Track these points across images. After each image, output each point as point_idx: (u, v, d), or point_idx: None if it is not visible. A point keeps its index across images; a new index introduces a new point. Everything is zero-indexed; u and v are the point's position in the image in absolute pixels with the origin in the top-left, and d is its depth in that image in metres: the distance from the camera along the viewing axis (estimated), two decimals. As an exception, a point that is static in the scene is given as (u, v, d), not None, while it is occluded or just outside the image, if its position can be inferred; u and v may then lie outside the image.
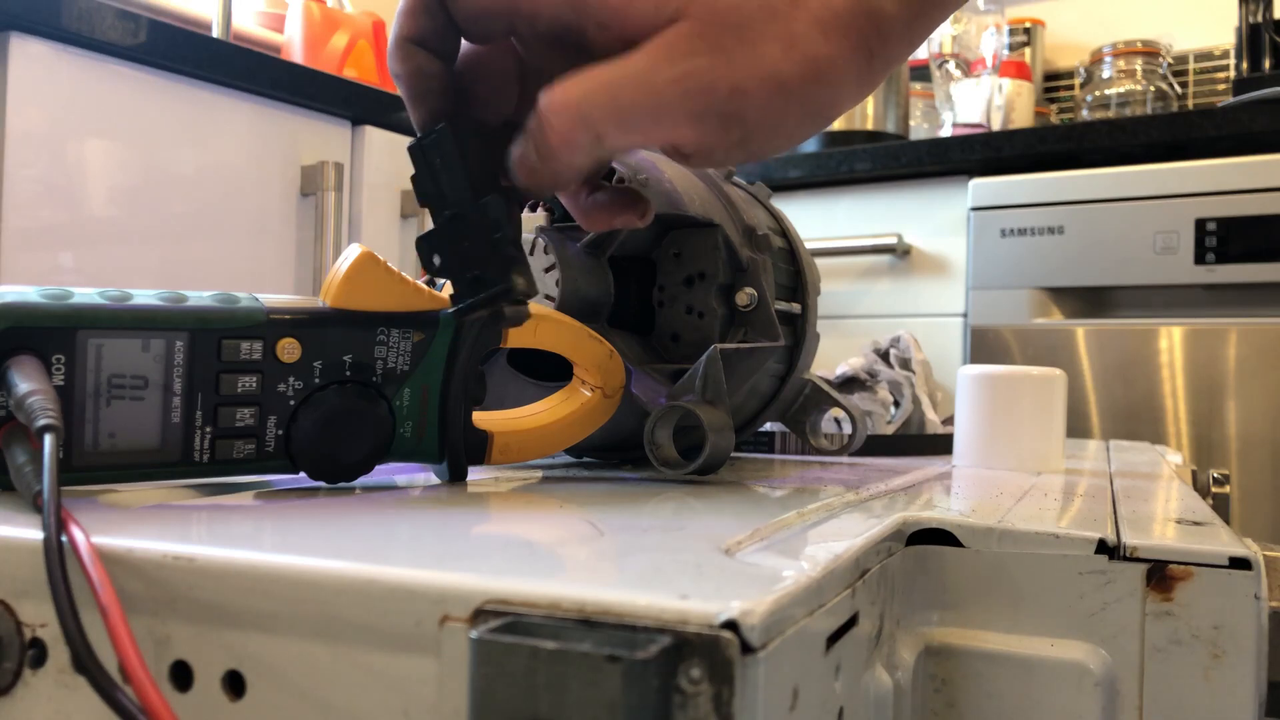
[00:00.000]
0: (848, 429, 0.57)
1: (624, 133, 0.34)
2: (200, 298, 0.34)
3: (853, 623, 0.26)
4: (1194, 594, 0.30)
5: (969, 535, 0.33)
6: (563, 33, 0.35)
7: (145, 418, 0.33)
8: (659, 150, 0.36)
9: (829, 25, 0.33)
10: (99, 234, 1.11)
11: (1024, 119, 1.93)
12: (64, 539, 0.23)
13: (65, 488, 0.33)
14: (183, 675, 0.23)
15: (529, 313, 0.39)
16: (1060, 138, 1.57)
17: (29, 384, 0.29)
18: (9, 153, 1.04)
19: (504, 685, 0.18)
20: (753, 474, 0.48)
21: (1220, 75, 2.05)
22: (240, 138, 1.24)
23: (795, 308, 0.53)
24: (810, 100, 0.34)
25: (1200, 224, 1.46)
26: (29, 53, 1.05)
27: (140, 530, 0.26)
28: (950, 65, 1.98)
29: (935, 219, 1.68)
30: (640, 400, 0.45)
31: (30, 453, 0.30)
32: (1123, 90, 1.94)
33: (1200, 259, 1.46)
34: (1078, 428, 1.51)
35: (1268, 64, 1.71)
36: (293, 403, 0.35)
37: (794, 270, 0.55)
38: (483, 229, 0.36)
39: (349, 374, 0.36)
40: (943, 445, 0.66)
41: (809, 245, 1.70)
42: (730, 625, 0.19)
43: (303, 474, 0.36)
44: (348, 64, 1.61)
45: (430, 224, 0.38)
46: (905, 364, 0.82)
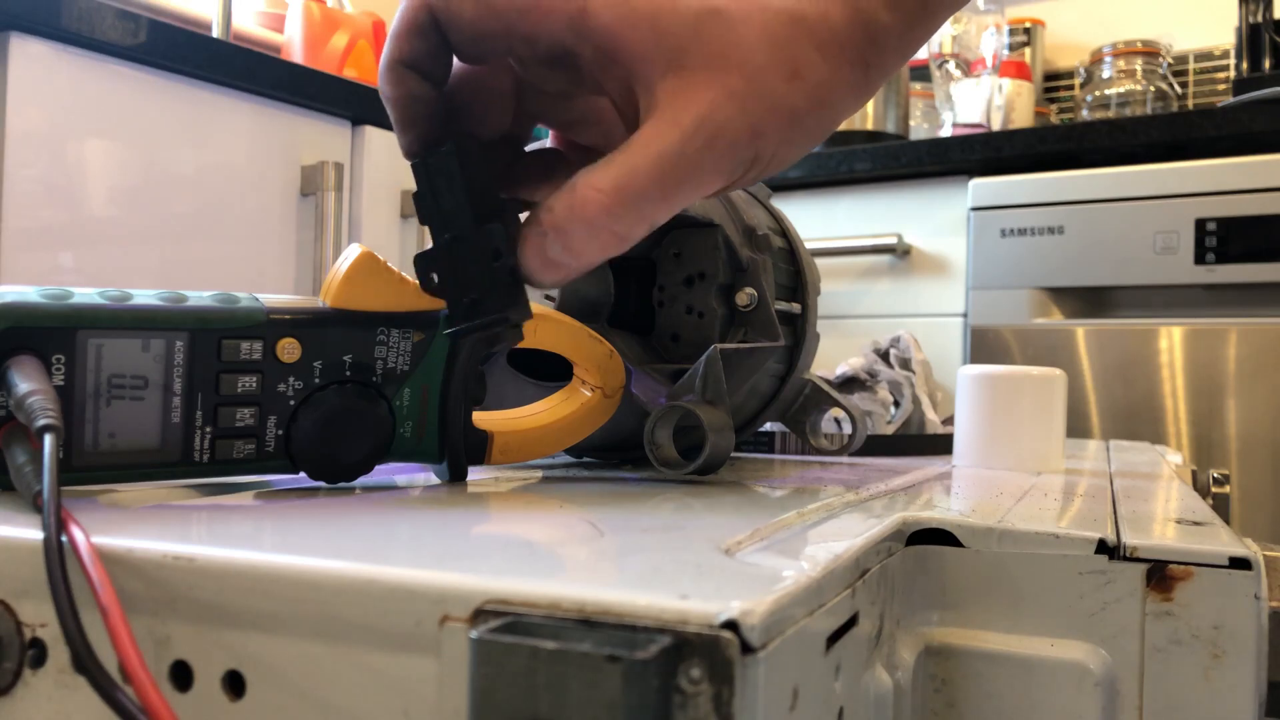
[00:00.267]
0: (848, 429, 0.57)
1: (670, 208, 0.34)
2: (200, 298, 0.34)
3: (853, 623, 0.26)
4: (1194, 594, 0.30)
5: (969, 535, 0.33)
6: (561, 55, 0.35)
7: (145, 418, 0.33)
8: None
9: (828, 45, 0.33)
10: (99, 234, 1.11)
11: (1024, 119, 1.93)
12: (64, 539, 0.23)
13: (65, 488, 0.33)
14: (183, 675, 0.23)
15: (523, 335, 0.39)
16: (1060, 138, 1.57)
17: (29, 384, 0.29)
18: (9, 153, 1.04)
19: (504, 685, 0.18)
20: (753, 474, 0.48)
21: (1220, 75, 2.05)
22: (240, 138, 1.24)
23: (795, 308, 0.53)
24: (816, 125, 0.35)
25: (1200, 224, 1.46)
26: (29, 53, 1.05)
27: (140, 530, 0.26)
28: (950, 65, 1.98)
29: (935, 219, 1.68)
30: (640, 400, 0.45)
31: (30, 453, 0.30)
32: (1123, 90, 1.94)
33: (1200, 259, 1.46)
34: (1078, 428, 1.51)
35: (1268, 64, 1.71)
36: (293, 403, 0.35)
37: (794, 270, 0.55)
38: (483, 254, 0.36)
39: (349, 374, 0.36)
40: (943, 445, 0.66)
41: (809, 245, 1.70)
42: (730, 625, 0.19)
43: (303, 474, 0.36)
44: (348, 64, 1.61)
45: (430, 240, 0.37)
46: (905, 364, 0.82)
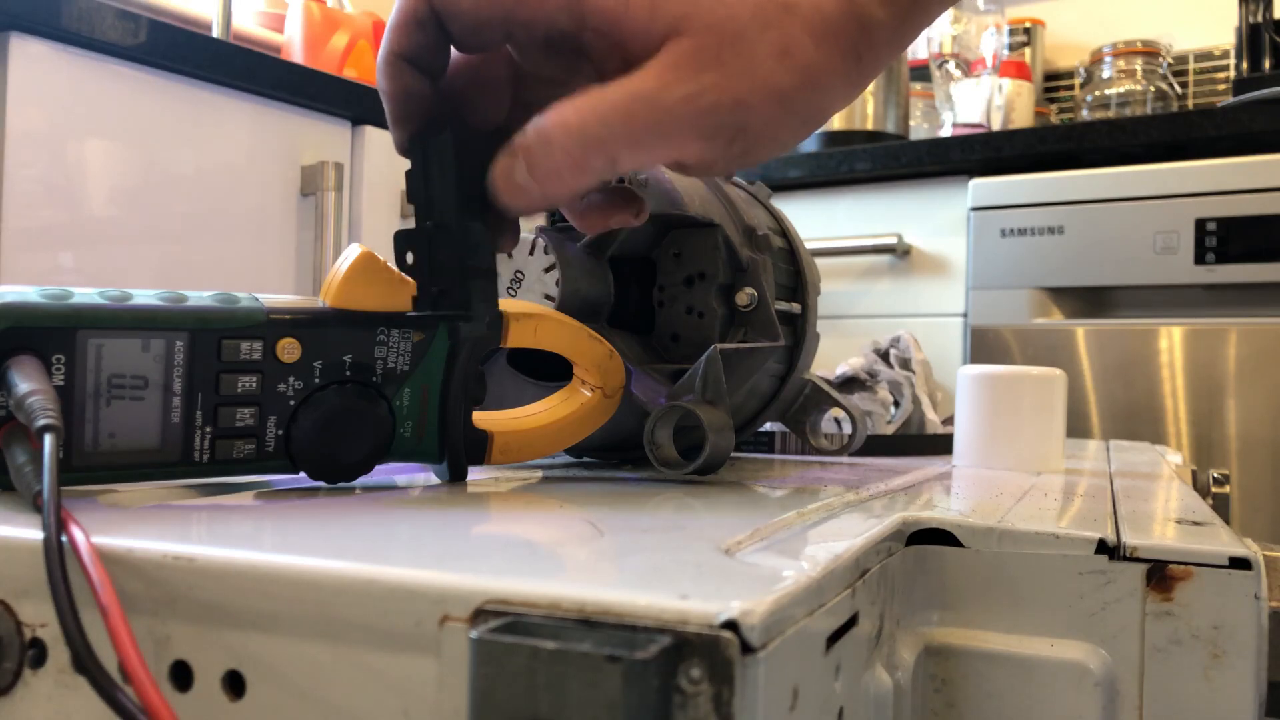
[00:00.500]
0: (848, 429, 0.57)
1: (637, 154, 0.34)
2: (200, 298, 0.34)
3: (853, 623, 0.26)
4: (1194, 594, 0.30)
5: (969, 535, 0.33)
6: (559, 39, 0.35)
7: (145, 418, 0.33)
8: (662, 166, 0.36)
9: (820, 32, 0.34)
10: (99, 234, 1.11)
11: (1024, 119, 1.93)
12: (64, 539, 0.23)
13: (65, 488, 0.33)
14: (183, 675, 0.23)
15: (497, 340, 0.39)
16: (1060, 138, 1.57)
17: (29, 384, 0.29)
18: (9, 153, 1.04)
19: (504, 685, 0.18)
20: (753, 474, 0.48)
21: (1220, 75, 2.05)
22: (240, 138, 1.24)
23: (795, 308, 0.53)
24: (805, 107, 0.35)
25: (1200, 224, 1.46)
26: (29, 53, 1.05)
27: (140, 530, 0.26)
28: (950, 65, 1.98)
29: (935, 219, 1.68)
30: (640, 400, 0.45)
31: (30, 453, 0.30)
32: (1123, 90, 1.94)
33: (1200, 259, 1.46)
34: (1078, 428, 1.51)
35: (1268, 64, 1.71)
36: (293, 403, 0.35)
37: (794, 270, 0.55)
38: (460, 249, 0.36)
39: (349, 374, 0.36)
40: (943, 445, 0.66)
41: (809, 245, 1.70)
42: (730, 625, 0.19)
43: (303, 474, 0.36)
44: (348, 64, 1.61)
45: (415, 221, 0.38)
46: (905, 364, 0.82)
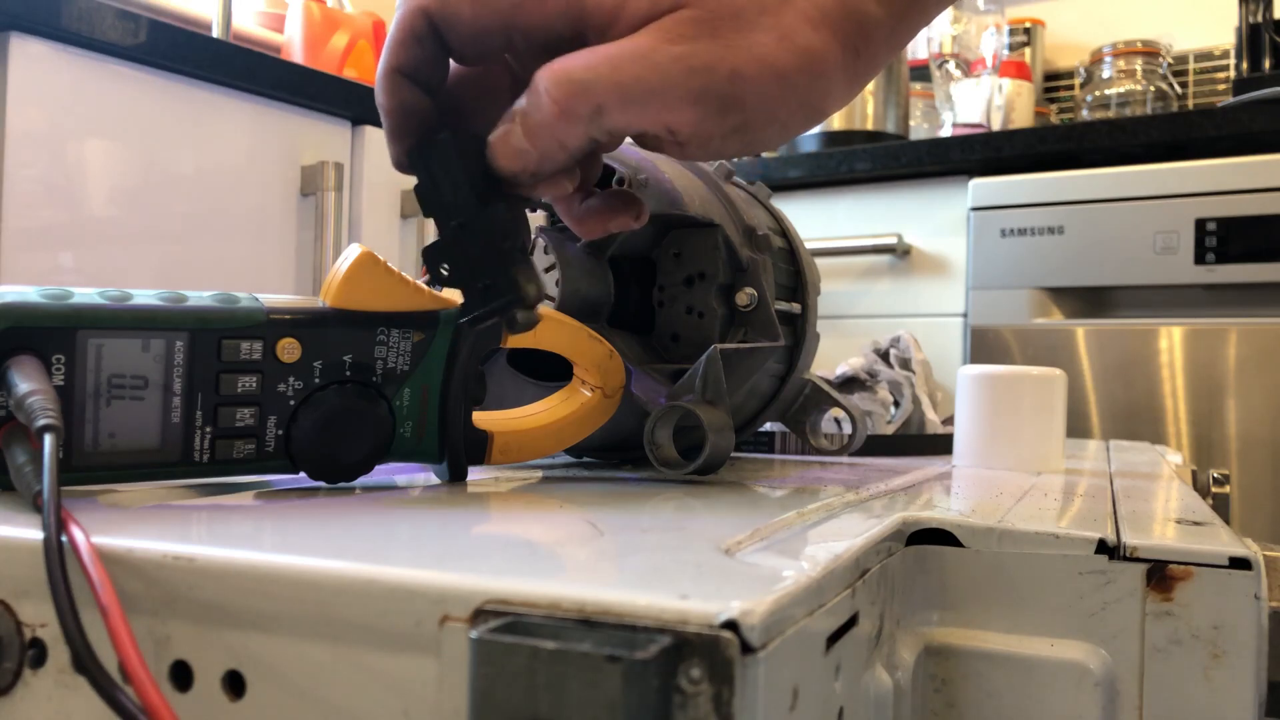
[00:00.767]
0: (848, 429, 0.57)
1: (624, 108, 0.33)
2: (200, 298, 0.34)
3: (853, 623, 0.26)
4: (1194, 594, 0.30)
5: (969, 535, 0.33)
6: (558, 46, 0.35)
7: (145, 418, 0.33)
8: (656, 135, 0.35)
9: (817, 21, 0.34)
10: (99, 234, 1.11)
11: (1024, 119, 1.93)
12: (64, 539, 0.23)
13: (65, 488, 0.33)
14: (183, 675, 0.23)
15: (539, 317, 0.39)
16: (1060, 138, 1.57)
17: (29, 384, 0.29)
18: (9, 153, 1.04)
19: (504, 685, 0.18)
20: (753, 474, 0.48)
21: (1220, 75, 2.05)
22: (240, 138, 1.24)
23: (795, 308, 0.53)
24: (804, 91, 0.35)
25: (1200, 224, 1.46)
26: (29, 53, 1.05)
27: (140, 530, 0.26)
28: (950, 65, 1.98)
29: (935, 219, 1.68)
30: (640, 400, 0.45)
31: (30, 453, 0.30)
32: (1123, 90, 1.94)
33: (1200, 259, 1.46)
34: (1078, 428, 1.51)
35: (1268, 64, 1.71)
36: (293, 403, 0.35)
37: (794, 270, 0.55)
38: (491, 237, 0.36)
39: (349, 374, 0.36)
40: (943, 445, 0.66)
41: (809, 245, 1.70)
42: (730, 625, 0.19)
43: (303, 474, 0.36)
44: (348, 64, 1.61)
45: (436, 235, 0.37)
46: (905, 364, 0.82)
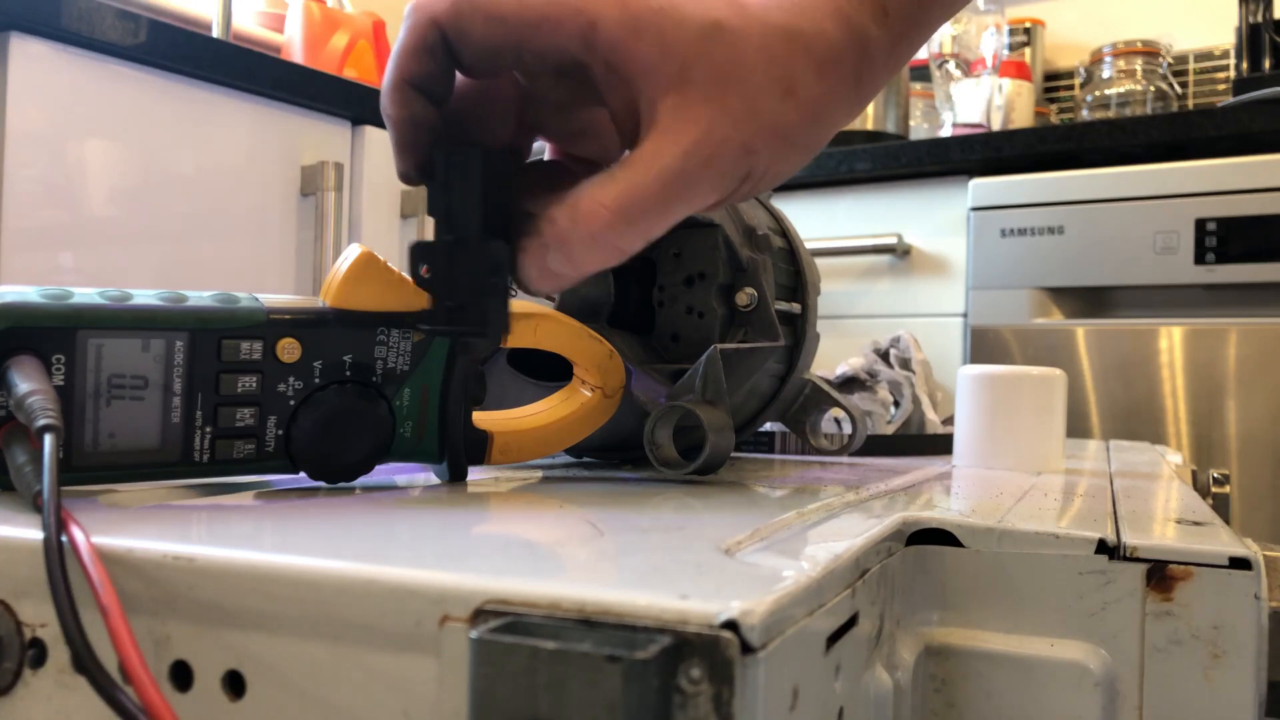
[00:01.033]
0: (848, 429, 0.57)
1: (665, 224, 0.35)
2: (200, 298, 0.34)
3: (853, 623, 0.26)
4: (1194, 594, 0.30)
5: (969, 535, 0.33)
6: (569, 67, 0.35)
7: (145, 418, 0.33)
8: None
9: (823, 62, 0.35)
10: (99, 234, 1.11)
11: (1024, 119, 1.93)
12: (64, 539, 0.23)
13: (65, 488, 0.33)
14: (183, 675, 0.23)
15: (497, 345, 0.39)
16: (1060, 138, 1.57)
17: (29, 384, 0.29)
18: (9, 153, 1.04)
19: (504, 685, 0.18)
20: (753, 474, 0.48)
21: (1220, 75, 2.05)
22: (240, 138, 1.24)
23: (795, 308, 0.53)
24: (807, 140, 0.36)
25: (1200, 224, 1.46)
26: (29, 53, 1.05)
27: (140, 530, 0.26)
28: (950, 65, 1.98)
29: (935, 219, 1.68)
30: (640, 400, 0.45)
31: (30, 453, 0.30)
32: (1123, 90, 1.94)
33: (1200, 259, 1.46)
34: (1078, 428, 1.51)
35: (1268, 64, 1.71)
36: (293, 403, 0.35)
37: (794, 270, 0.55)
38: (481, 265, 0.36)
39: (349, 374, 0.36)
40: (943, 445, 0.66)
41: (809, 245, 1.69)
42: (730, 625, 0.19)
43: (303, 474, 0.36)
44: (348, 64, 1.61)
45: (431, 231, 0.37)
46: (905, 364, 0.82)
